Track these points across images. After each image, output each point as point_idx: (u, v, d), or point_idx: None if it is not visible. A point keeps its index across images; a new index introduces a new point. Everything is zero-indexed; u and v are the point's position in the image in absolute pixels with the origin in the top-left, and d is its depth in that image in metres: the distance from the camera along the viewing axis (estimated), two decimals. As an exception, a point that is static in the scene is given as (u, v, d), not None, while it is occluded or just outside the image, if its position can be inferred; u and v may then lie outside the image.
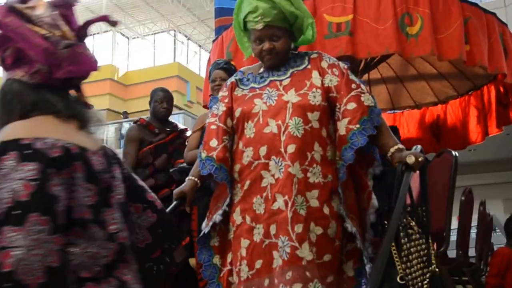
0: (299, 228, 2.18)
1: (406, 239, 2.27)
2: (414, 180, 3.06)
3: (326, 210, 2.25)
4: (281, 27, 2.40)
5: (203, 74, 5.43)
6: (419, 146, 2.51)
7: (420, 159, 2.25)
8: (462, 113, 5.82)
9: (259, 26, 2.38)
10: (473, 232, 4.70)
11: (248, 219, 2.28)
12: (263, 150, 2.29)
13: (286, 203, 2.21)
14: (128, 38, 27.98)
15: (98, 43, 27.40)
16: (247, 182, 2.31)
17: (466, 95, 5.79)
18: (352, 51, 4.23)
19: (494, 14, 4.87)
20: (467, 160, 10.35)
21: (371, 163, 2.43)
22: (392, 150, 2.32)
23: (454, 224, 3.60)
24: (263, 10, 2.36)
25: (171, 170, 4.04)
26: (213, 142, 2.40)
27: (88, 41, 1.63)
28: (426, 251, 2.28)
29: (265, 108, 2.36)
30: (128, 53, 28.04)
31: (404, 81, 6.06)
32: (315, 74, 2.42)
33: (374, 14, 4.26)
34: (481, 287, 4.61)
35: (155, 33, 27.48)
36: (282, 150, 2.26)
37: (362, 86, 2.40)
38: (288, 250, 2.16)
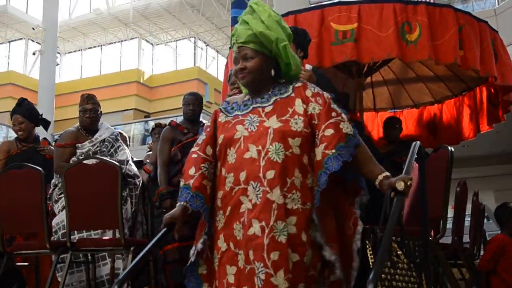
0: (275, 255, 1.98)
1: (389, 263, 2.05)
2: (414, 173, 3.06)
3: (304, 237, 2.04)
4: (254, 49, 2.21)
5: (221, 77, 5.41)
6: (418, 142, 2.51)
7: (409, 183, 2.02)
8: (456, 112, 5.81)
9: (235, 47, 2.25)
10: (467, 220, 4.67)
11: (232, 245, 2.08)
12: (242, 176, 2.09)
13: (263, 229, 2.01)
14: (152, 44, 28.02)
15: (125, 49, 27.53)
16: (229, 208, 2.11)
17: (460, 96, 5.78)
18: (357, 56, 4.25)
19: (486, 22, 4.85)
20: (461, 155, 10.30)
21: (357, 192, 2.21)
22: (380, 177, 2.10)
23: (450, 213, 3.60)
24: (239, 31, 2.23)
25: None
26: (191, 170, 2.20)
27: (116, 48, 1.60)
28: (415, 285, 2.02)
29: (246, 134, 2.15)
30: (152, 58, 28.09)
31: (403, 83, 6.05)
32: (298, 101, 2.21)
33: (377, 23, 4.27)
34: (474, 270, 4.59)
35: (177, 40, 27.51)
36: (261, 175, 2.06)
37: (344, 115, 2.19)
38: (262, 277, 1.97)
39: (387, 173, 2.10)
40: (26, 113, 4.76)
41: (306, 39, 3.58)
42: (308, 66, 3.43)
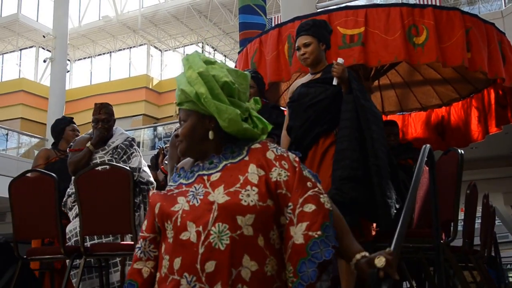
0: None
1: None
2: (424, 175, 3.05)
3: None
4: (187, 109, 1.83)
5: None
6: (428, 145, 2.49)
7: (391, 257, 1.55)
8: (464, 114, 5.78)
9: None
10: (477, 222, 4.65)
11: None
12: (177, 263, 1.64)
13: None
14: (161, 50, 28.13)
15: (134, 56, 27.65)
16: None
17: (468, 98, 5.74)
18: (364, 59, 4.24)
19: (493, 24, 4.83)
20: (470, 157, 10.26)
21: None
22: (357, 256, 1.66)
23: (460, 215, 3.58)
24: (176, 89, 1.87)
25: None
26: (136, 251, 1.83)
27: (125, 54, 1.55)
28: None
29: (187, 208, 1.68)
30: (161, 64, 28.20)
31: (411, 86, 6.02)
32: (251, 168, 1.73)
33: (384, 26, 4.26)
34: (485, 273, 4.56)
35: (185, 46, 27.59)
36: (198, 266, 1.59)
37: (319, 184, 1.75)
38: None
39: (365, 253, 1.67)
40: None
41: (327, 30, 3.52)
42: (340, 60, 3.34)
